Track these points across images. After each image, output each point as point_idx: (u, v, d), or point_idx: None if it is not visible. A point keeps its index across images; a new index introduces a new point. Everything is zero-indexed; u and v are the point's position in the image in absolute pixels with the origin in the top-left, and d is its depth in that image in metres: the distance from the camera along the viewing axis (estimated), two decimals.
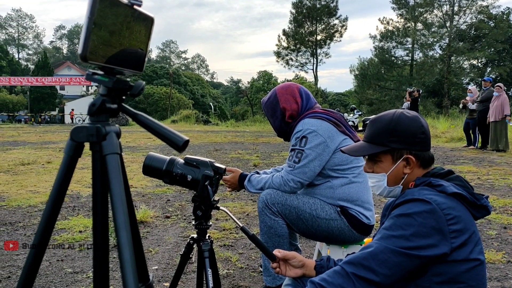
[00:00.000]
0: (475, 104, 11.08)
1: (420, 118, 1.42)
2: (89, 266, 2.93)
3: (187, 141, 1.02)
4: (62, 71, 58.11)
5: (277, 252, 1.50)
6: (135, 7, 0.97)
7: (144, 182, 6.03)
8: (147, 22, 1.03)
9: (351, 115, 20.85)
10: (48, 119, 41.91)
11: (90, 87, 53.12)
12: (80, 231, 3.70)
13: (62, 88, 53.29)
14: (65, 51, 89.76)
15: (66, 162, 0.97)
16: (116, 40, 0.95)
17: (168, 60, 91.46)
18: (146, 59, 1.05)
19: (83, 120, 38.28)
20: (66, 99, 50.53)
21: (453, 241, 1.22)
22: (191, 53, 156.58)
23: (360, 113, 22.89)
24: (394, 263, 1.21)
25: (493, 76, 32.36)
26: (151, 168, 1.61)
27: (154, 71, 49.55)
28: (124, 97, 1.01)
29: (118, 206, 0.86)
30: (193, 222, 1.62)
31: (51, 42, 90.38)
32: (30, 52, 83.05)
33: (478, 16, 35.15)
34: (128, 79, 1.01)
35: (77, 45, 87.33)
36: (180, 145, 1.00)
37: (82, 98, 50.43)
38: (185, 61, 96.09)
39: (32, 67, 52.27)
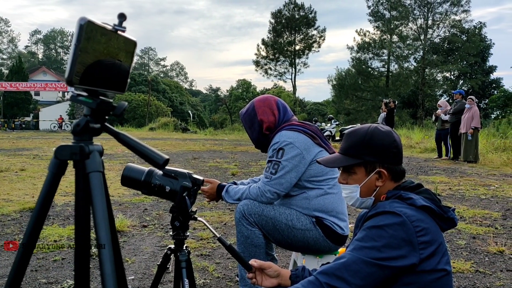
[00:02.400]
0: (448, 115, 11.40)
1: (393, 133, 1.49)
2: (64, 276, 2.89)
3: (167, 159, 1.06)
4: (37, 77, 56.60)
5: (253, 262, 1.52)
6: (119, 32, 1.00)
7: (121, 190, 5.97)
8: (130, 45, 1.07)
9: (329, 124, 21.02)
10: (22, 125, 40.92)
11: (66, 93, 52.11)
12: (55, 241, 3.64)
13: (37, 94, 52.09)
14: (40, 56, 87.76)
15: (50, 179, 0.99)
16: (100, 64, 0.98)
17: (147, 67, 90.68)
18: (129, 80, 1.08)
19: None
20: (41, 105, 49.35)
21: (422, 252, 1.28)
22: (170, 60, 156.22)
23: (337, 122, 23.16)
24: (366, 273, 1.26)
25: (465, 89, 33.24)
26: (129, 179, 1.62)
27: (132, 78, 49.04)
28: (107, 117, 1.04)
29: (100, 222, 0.88)
30: (171, 233, 1.64)
31: (26, 46, 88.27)
32: (4, 56, 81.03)
33: (451, 30, 36.15)
34: (111, 100, 1.04)
35: (53, 50, 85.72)
36: (160, 164, 1.04)
37: (58, 104, 49.42)
38: (164, 69, 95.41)
39: (6, 72, 50.95)
